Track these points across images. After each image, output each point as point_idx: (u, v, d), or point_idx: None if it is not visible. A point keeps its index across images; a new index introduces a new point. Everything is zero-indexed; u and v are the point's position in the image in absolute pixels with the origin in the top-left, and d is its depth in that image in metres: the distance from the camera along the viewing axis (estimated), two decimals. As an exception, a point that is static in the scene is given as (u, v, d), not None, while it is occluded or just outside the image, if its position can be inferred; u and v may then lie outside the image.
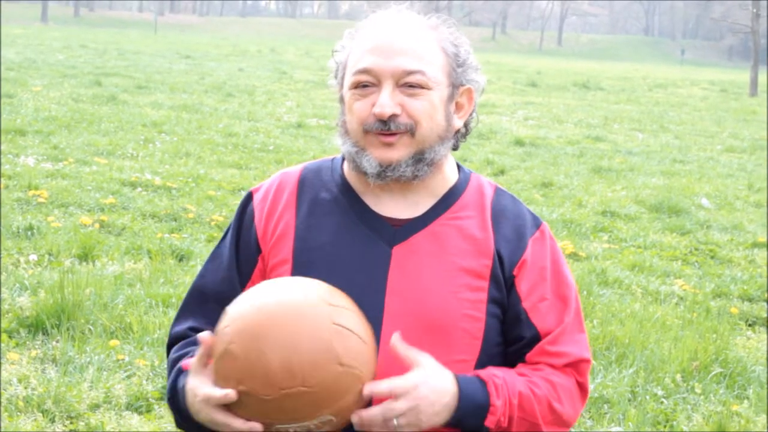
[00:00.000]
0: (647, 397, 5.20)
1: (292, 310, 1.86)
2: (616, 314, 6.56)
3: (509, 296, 2.11)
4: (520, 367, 2.11)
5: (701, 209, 11.06)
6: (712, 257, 8.74)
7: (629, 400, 5.17)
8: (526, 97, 27.76)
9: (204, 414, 1.91)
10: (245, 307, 1.90)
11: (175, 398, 2.05)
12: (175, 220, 8.52)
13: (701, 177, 13.86)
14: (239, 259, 2.18)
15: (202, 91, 21.93)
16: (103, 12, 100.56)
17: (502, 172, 12.95)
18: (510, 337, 2.12)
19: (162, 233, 7.91)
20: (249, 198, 2.22)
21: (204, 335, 1.92)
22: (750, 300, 7.34)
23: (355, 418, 1.88)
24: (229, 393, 1.84)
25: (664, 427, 4.95)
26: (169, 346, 2.21)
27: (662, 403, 5.18)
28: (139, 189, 9.79)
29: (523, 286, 2.11)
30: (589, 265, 7.95)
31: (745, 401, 5.31)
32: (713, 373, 5.58)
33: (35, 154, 11.34)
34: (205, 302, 2.19)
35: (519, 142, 16.35)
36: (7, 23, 56.33)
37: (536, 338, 2.10)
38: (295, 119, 17.56)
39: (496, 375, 2.03)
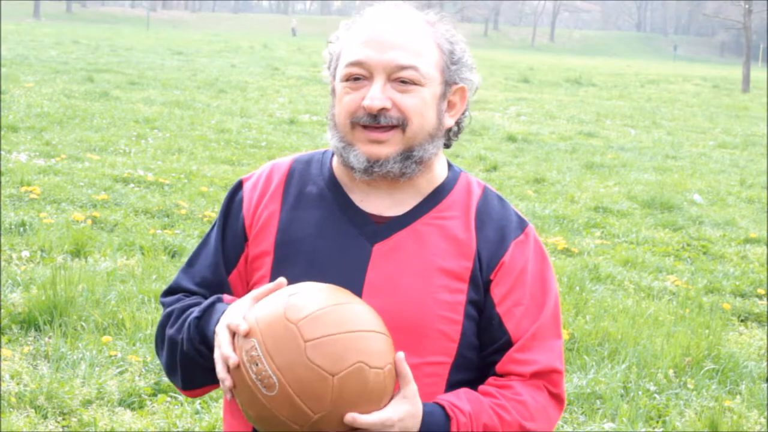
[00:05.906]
0: (640, 392, 5.21)
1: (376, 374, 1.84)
2: (609, 310, 6.57)
3: (485, 299, 2.07)
4: (490, 384, 2.06)
5: (693, 205, 11.07)
6: (704, 253, 8.75)
7: (621, 396, 5.17)
8: (518, 93, 27.77)
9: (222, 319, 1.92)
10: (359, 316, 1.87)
11: (203, 317, 2.03)
12: (168, 216, 8.51)
13: (693, 173, 13.88)
14: (225, 248, 2.16)
15: (195, 88, 21.90)
16: (95, 8, 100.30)
17: (495, 168, 12.95)
18: (483, 341, 2.08)
19: (154, 229, 7.90)
20: (239, 186, 2.20)
21: (282, 280, 1.93)
22: (742, 296, 7.36)
23: None
24: (245, 327, 1.83)
25: (657, 422, 4.96)
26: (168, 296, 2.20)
27: (655, 398, 5.19)
28: (132, 185, 9.78)
29: (498, 290, 2.07)
30: (581, 260, 7.96)
31: (738, 397, 5.32)
32: (706, 368, 5.59)
33: (27, 151, 11.32)
34: (193, 284, 2.17)
35: (511, 138, 16.35)
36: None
37: (508, 343, 2.06)
38: (288, 115, 17.55)
39: (462, 411, 1.96)
